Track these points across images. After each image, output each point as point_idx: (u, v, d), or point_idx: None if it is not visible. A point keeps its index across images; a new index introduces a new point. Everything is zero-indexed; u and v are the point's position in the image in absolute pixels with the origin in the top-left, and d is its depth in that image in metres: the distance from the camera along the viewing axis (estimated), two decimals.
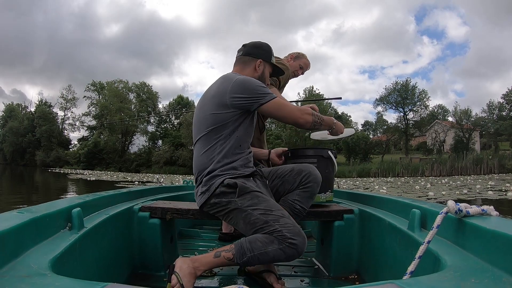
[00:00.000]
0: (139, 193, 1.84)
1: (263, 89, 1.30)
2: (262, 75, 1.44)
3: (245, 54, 1.43)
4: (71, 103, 46.93)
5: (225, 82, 1.32)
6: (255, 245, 1.13)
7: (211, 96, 1.33)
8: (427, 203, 1.23)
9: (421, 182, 13.09)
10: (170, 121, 42.59)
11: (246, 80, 1.30)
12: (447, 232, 0.89)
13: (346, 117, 47.19)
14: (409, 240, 1.05)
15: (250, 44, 1.46)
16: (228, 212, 1.27)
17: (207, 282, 1.38)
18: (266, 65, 1.45)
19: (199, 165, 1.34)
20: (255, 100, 1.28)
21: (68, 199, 1.22)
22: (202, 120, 1.34)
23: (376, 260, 1.36)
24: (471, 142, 31.36)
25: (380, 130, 40.36)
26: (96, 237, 1.09)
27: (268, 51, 1.46)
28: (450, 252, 0.80)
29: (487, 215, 0.84)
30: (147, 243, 1.45)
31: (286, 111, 1.32)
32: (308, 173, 1.37)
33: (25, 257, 0.72)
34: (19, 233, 0.74)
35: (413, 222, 1.07)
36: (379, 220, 1.35)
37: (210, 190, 1.28)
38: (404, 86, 33.80)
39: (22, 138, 47.26)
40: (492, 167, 21.74)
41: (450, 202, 0.85)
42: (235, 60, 1.47)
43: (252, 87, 1.28)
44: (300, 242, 1.12)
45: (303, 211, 1.37)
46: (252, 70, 1.42)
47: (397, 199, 1.42)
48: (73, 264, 0.87)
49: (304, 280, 1.44)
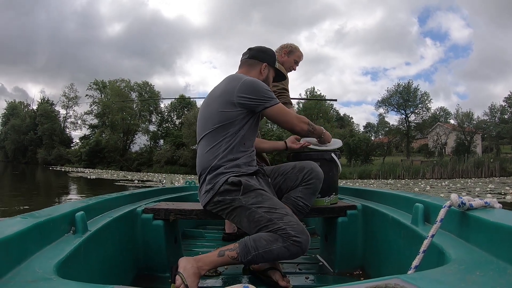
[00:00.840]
0: (142, 195, 1.85)
1: (269, 93, 1.35)
2: (267, 79, 1.49)
3: (251, 57, 1.48)
4: (73, 101, 47.04)
5: (233, 82, 1.34)
6: (260, 243, 1.15)
7: (219, 95, 1.35)
8: (430, 197, 1.24)
9: (421, 184, 13.01)
10: (171, 121, 42.59)
11: (254, 82, 1.34)
12: (450, 225, 0.90)
13: (348, 119, 47.17)
14: (413, 234, 1.05)
15: (256, 48, 1.51)
16: (232, 210, 1.28)
17: (212, 281, 1.39)
18: (270, 69, 1.50)
19: (203, 162, 1.34)
20: (260, 103, 1.32)
21: (72, 203, 1.24)
22: (208, 118, 1.35)
23: (380, 255, 1.37)
24: (473, 145, 31.23)
25: (382, 132, 40.27)
26: (100, 240, 1.09)
27: (272, 56, 1.52)
28: (454, 245, 0.80)
29: (490, 207, 0.84)
30: (151, 245, 1.46)
31: (286, 118, 1.39)
32: (310, 170, 1.38)
33: (30, 262, 0.72)
34: (23, 238, 0.74)
35: (416, 216, 1.08)
36: (383, 215, 1.36)
37: (214, 189, 1.29)
38: (406, 88, 33.72)
39: (24, 136, 47.32)
40: (493, 170, 21.61)
41: (453, 196, 0.86)
42: (241, 62, 1.52)
43: (260, 89, 1.33)
44: (304, 240, 1.14)
45: (306, 208, 1.38)
46: (258, 73, 1.47)
47: (400, 193, 1.43)
48: (78, 268, 0.88)
49: (309, 277, 1.44)
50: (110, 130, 39.35)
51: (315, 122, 1.97)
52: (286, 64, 2.26)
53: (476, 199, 0.85)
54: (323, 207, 1.54)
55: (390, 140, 35.65)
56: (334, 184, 1.60)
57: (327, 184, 1.49)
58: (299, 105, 32.22)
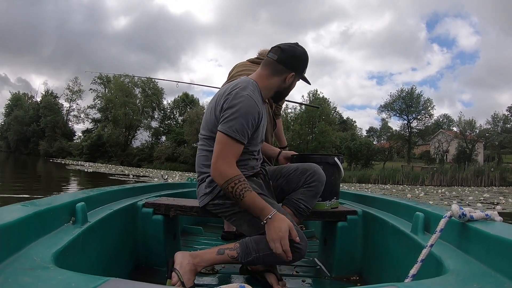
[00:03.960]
0: (143, 189, 1.85)
1: (235, 116, 1.18)
2: (288, 89, 1.36)
3: (280, 62, 1.28)
4: (77, 95, 47.21)
5: (222, 93, 1.26)
6: (261, 246, 1.16)
7: (216, 100, 1.29)
8: (431, 206, 1.24)
9: (416, 191, 12.89)
10: (174, 118, 42.67)
11: (236, 98, 1.19)
12: (450, 236, 0.90)
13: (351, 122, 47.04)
14: (412, 243, 1.05)
15: (289, 52, 1.28)
16: (232, 214, 1.28)
17: (208, 279, 1.39)
18: (296, 79, 1.35)
19: (204, 162, 1.32)
20: (221, 120, 1.21)
21: (72, 193, 1.24)
22: (208, 120, 1.30)
23: (378, 262, 1.37)
24: (474, 153, 31.14)
25: (385, 137, 40.21)
26: (99, 231, 1.09)
27: (304, 65, 1.34)
28: (452, 256, 0.80)
29: (491, 220, 0.84)
30: (150, 239, 1.46)
31: (215, 150, 1.18)
32: (312, 172, 1.38)
33: (28, 250, 0.72)
34: (22, 226, 0.74)
35: (416, 225, 1.08)
36: (383, 222, 1.36)
37: (213, 192, 1.28)
38: (409, 94, 33.66)
39: (27, 128, 47.52)
40: (493, 180, 21.52)
41: (454, 206, 0.86)
42: (266, 62, 1.32)
43: (231, 107, 1.18)
44: (304, 246, 1.17)
45: (307, 210, 1.39)
46: (281, 80, 1.31)
47: (401, 201, 1.42)
48: (76, 258, 0.88)
49: (305, 280, 1.44)
50: (113, 124, 39.43)
51: (316, 126, 1.93)
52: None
53: (477, 211, 0.85)
54: (323, 210, 1.54)
55: (391, 146, 35.58)
56: (335, 188, 1.60)
57: (328, 188, 1.49)
58: (300, 107, 32.26)
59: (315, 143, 30.75)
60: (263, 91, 1.32)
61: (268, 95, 1.36)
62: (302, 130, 31.42)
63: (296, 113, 33.09)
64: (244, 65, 2.16)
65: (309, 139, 32.02)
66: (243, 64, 2.19)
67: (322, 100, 32.78)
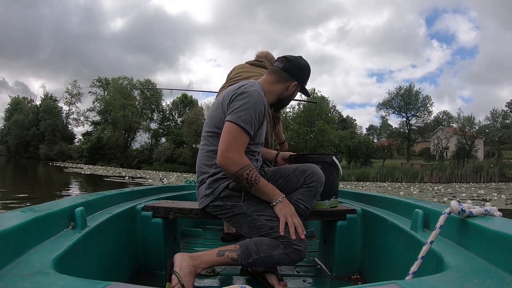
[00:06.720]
0: (141, 192, 1.84)
1: (244, 108, 1.21)
2: (290, 97, 1.43)
3: (285, 70, 1.37)
4: (76, 98, 47.27)
5: (229, 90, 1.29)
6: (261, 248, 1.16)
7: (223, 98, 1.31)
8: (430, 203, 1.24)
9: (412, 188, 12.79)
10: (173, 119, 42.70)
11: (245, 95, 1.23)
12: (450, 232, 0.90)
13: (351, 121, 47.06)
14: (412, 240, 1.05)
15: (294, 62, 1.39)
16: (232, 216, 1.28)
17: (208, 281, 1.38)
18: (298, 88, 1.43)
19: (204, 163, 1.32)
20: (229, 111, 1.23)
21: (72, 198, 1.23)
22: (213, 117, 1.31)
23: (378, 260, 1.37)
24: (474, 149, 31.16)
25: (384, 135, 40.24)
26: (99, 236, 1.09)
27: (307, 76, 1.43)
28: (453, 252, 0.80)
29: (490, 215, 0.84)
30: (150, 243, 1.46)
31: (222, 139, 1.19)
32: (311, 173, 1.38)
33: (28, 256, 0.72)
34: (22, 232, 0.74)
35: (416, 222, 1.08)
36: (382, 220, 1.35)
37: (214, 194, 1.28)
38: (408, 91, 33.70)
39: (27, 131, 47.62)
40: (492, 176, 21.45)
41: (453, 203, 0.86)
42: (272, 69, 1.40)
43: (240, 100, 1.22)
44: (304, 248, 1.19)
45: (307, 211, 1.38)
46: (284, 88, 1.39)
47: (400, 199, 1.42)
48: (76, 263, 0.88)
49: (306, 280, 1.44)
50: (112, 127, 39.47)
51: (315, 124, 1.93)
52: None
53: (476, 207, 0.85)
54: (323, 210, 1.54)
55: (391, 143, 35.61)
56: (334, 188, 1.60)
57: (327, 187, 1.48)
58: (299, 106, 32.28)
59: (314, 142, 30.80)
60: (267, 95, 1.36)
61: (271, 100, 1.41)
62: (301, 130, 31.48)
63: (294, 113, 33.17)
64: (243, 67, 2.17)
65: (308, 138, 32.07)
66: (242, 66, 2.20)
67: (320, 99, 32.82)
